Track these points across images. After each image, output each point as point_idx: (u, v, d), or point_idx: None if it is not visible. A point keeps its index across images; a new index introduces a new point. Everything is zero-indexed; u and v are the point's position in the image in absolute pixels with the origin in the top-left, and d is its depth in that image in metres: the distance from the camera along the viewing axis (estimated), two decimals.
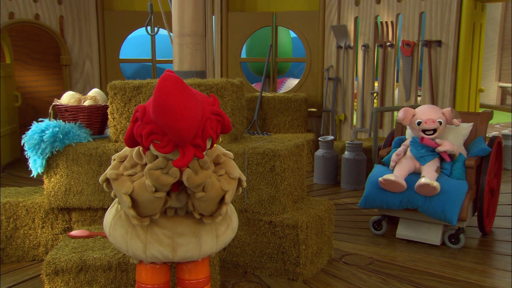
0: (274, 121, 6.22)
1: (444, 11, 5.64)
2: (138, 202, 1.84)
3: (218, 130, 1.82)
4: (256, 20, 6.80)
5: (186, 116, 1.63)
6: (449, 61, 5.67)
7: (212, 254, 2.07)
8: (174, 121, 1.63)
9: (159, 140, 1.69)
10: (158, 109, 1.63)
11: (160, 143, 1.70)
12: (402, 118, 3.61)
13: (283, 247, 2.98)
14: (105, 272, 2.60)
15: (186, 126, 1.64)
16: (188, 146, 1.69)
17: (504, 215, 4.24)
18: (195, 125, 1.67)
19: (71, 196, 3.19)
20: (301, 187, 3.31)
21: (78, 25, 6.73)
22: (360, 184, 5.09)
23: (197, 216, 1.94)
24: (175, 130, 1.64)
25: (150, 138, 1.71)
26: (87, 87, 6.75)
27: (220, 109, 1.81)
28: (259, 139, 3.31)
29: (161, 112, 1.63)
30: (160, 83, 1.64)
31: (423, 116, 3.54)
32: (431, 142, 3.50)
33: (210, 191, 1.84)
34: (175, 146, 1.69)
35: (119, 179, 1.84)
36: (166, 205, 1.92)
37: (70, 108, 3.27)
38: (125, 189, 1.81)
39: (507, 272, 3.16)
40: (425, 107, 3.65)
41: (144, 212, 1.88)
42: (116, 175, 1.85)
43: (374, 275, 3.12)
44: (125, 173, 1.88)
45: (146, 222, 1.90)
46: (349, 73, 6.43)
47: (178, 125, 1.63)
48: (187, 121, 1.64)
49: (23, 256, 3.31)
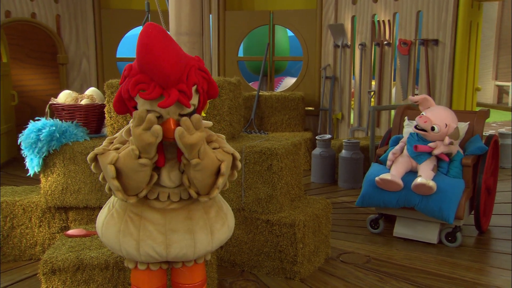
0: (272, 120, 6.22)
1: (441, 10, 5.65)
2: (123, 173, 1.80)
3: (205, 86, 1.83)
4: (253, 18, 6.79)
5: (169, 57, 1.69)
6: (446, 59, 5.68)
7: (207, 253, 2.03)
8: (157, 60, 1.67)
9: (145, 88, 1.72)
10: (141, 50, 1.68)
11: (146, 91, 1.72)
12: (418, 100, 3.55)
13: (281, 245, 2.99)
14: (102, 271, 2.59)
15: (169, 66, 1.69)
16: (173, 89, 1.72)
17: (501, 213, 4.26)
18: (178, 67, 1.72)
19: (68, 195, 3.19)
20: (299, 186, 3.31)
21: (75, 24, 6.71)
22: (357, 183, 5.10)
23: (194, 194, 1.88)
24: (159, 70, 1.68)
25: (136, 88, 1.73)
26: (84, 86, 6.73)
27: (206, 68, 1.85)
28: (257, 138, 3.32)
29: (144, 53, 1.68)
30: (143, 29, 1.71)
31: (428, 112, 3.50)
32: (425, 148, 3.48)
33: (205, 159, 1.79)
34: (160, 90, 1.71)
35: (105, 153, 1.82)
36: (153, 181, 1.86)
37: (67, 107, 3.27)
38: (109, 159, 1.78)
39: (503, 270, 3.17)
40: (441, 108, 3.56)
41: (129, 185, 1.83)
42: (103, 149, 1.84)
43: (371, 273, 3.13)
44: (111, 147, 1.86)
45: (131, 200, 1.85)
46: (346, 72, 6.43)
47: (161, 64, 1.67)
48: (170, 61, 1.69)
49: (20, 255, 3.30)
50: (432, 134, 3.45)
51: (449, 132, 3.44)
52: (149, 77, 1.72)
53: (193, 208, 1.96)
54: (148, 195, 1.92)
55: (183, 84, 1.74)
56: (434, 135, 3.45)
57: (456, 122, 3.51)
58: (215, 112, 3.11)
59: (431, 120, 3.44)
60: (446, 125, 3.44)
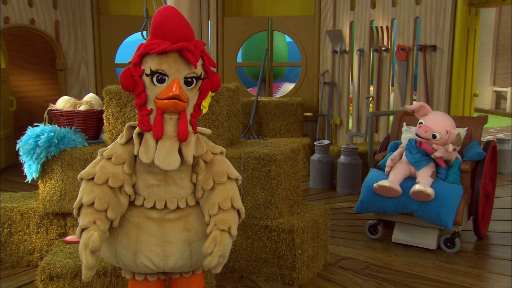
0: (270, 125, 6.22)
1: (439, 16, 5.68)
2: None
3: (209, 68, 1.87)
4: (251, 24, 6.81)
5: (183, 21, 1.79)
6: (443, 65, 5.69)
7: None
8: (172, 18, 1.76)
9: (156, 47, 1.76)
10: (158, 13, 1.77)
11: (156, 46, 1.76)
12: (415, 108, 3.56)
13: (279, 251, 2.98)
14: (100, 278, 2.59)
15: (181, 26, 1.77)
16: (182, 42, 1.75)
17: (500, 219, 4.26)
18: (189, 32, 1.79)
19: (66, 201, 3.18)
20: (297, 192, 3.31)
21: (74, 30, 6.72)
22: (355, 189, 5.10)
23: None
24: (172, 27, 1.75)
25: (148, 47, 1.77)
26: (82, 92, 6.73)
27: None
28: (255, 144, 3.32)
29: (160, 14, 1.77)
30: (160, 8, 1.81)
31: (427, 120, 3.50)
32: (428, 147, 3.48)
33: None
34: (169, 44, 1.75)
35: (87, 228, 1.77)
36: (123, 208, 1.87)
37: (65, 113, 3.27)
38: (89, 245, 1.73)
39: (502, 276, 3.17)
40: (439, 114, 3.56)
41: None
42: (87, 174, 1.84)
43: (370, 279, 3.13)
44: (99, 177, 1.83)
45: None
46: (344, 78, 6.45)
47: (175, 22, 1.76)
48: (183, 23, 1.78)
49: (18, 262, 3.29)
50: (434, 142, 3.45)
51: (451, 139, 3.44)
52: (161, 38, 1.77)
53: (190, 219, 1.92)
54: (145, 203, 1.90)
55: (192, 44, 1.78)
56: (436, 142, 3.46)
57: (455, 127, 3.51)
58: (214, 118, 3.11)
59: (431, 129, 3.44)
60: (447, 132, 3.44)
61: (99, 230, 1.76)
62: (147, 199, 1.90)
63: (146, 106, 1.80)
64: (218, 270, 1.78)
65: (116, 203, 1.84)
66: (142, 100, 1.80)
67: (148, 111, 1.80)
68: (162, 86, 1.77)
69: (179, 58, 1.76)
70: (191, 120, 1.86)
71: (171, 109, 1.77)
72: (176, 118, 1.79)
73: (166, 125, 1.79)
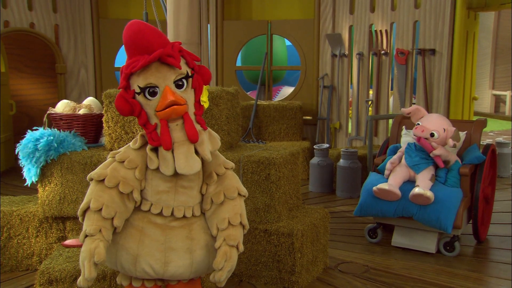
0: (269, 129, 6.22)
1: (438, 20, 5.69)
2: None
3: (193, 63, 1.86)
4: (251, 28, 6.83)
5: (152, 30, 1.78)
6: (443, 69, 5.70)
7: (203, 273, 1.96)
8: (140, 31, 1.75)
9: (136, 65, 1.76)
10: (126, 29, 1.77)
11: (136, 63, 1.77)
12: (410, 112, 3.58)
13: (278, 255, 2.98)
14: (99, 282, 2.58)
15: (152, 35, 1.77)
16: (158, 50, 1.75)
17: (499, 222, 4.26)
18: (162, 38, 1.78)
19: (66, 205, 3.18)
20: (296, 195, 3.31)
21: (73, 34, 6.73)
22: (355, 192, 5.10)
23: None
24: (142, 39, 1.75)
25: (129, 68, 1.77)
26: (82, 95, 6.74)
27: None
28: (254, 147, 3.32)
29: (129, 29, 1.77)
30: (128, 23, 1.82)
31: (424, 121, 3.52)
32: (427, 144, 3.48)
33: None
34: (146, 57, 1.74)
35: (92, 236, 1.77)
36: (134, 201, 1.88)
37: (65, 117, 3.27)
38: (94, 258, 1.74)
39: (502, 280, 3.16)
40: (434, 115, 3.61)
41: None
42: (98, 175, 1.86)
43: (370, 283, 3.12)
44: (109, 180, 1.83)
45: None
46: (344, 81, 6.45)
47: (145, 33, 1.76)
48: (153, 32, 1.77)
49: (17, 266, 3.28)
50: (433, 140, 3.47)
51: (450, 135, 3.46)
52: (137, 55, 1.77)
53: (194, 228, 1.92)
54: (152, 209, 1.89)
55: (168, 49, 1.78)
56: (435, 141, 3.47)
57: (451, 125, 3.53)
58: (213, 122, 3.12)
59: (428, 128, 3.46)
60: (444, 130, 3.46)
61: (104, 241, 1.76)
62: (154, 205, 1.89)
63: (149, 122, 1.83)
64: (223, 284, 1.80)
65: (123, 210, 1.84)
66: (144, 118, 1.83)
67: (153, 126, 1.82)
68: (156, 98, 1.78)
69: (161, 66, 1.78)
70: (196, 119, 1.87)
71: (172, 116, 1.78)
72: (181, 123, 1.80)
73: (174, 132, 1.81)
